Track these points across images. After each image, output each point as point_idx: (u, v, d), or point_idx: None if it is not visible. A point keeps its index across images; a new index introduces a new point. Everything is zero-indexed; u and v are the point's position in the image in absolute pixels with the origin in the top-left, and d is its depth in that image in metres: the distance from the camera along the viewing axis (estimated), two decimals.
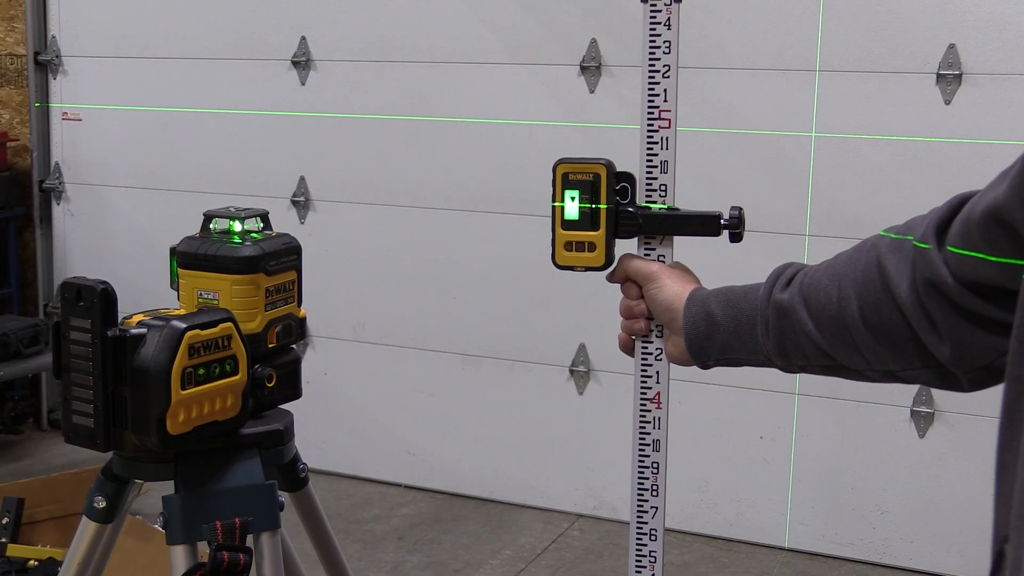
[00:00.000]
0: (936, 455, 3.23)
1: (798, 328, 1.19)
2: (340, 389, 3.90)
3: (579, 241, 1.35)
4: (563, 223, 1.35)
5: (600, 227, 1.34)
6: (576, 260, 1.35)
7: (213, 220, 1.59)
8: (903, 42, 3.13)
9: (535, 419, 3.67)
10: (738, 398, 3.38)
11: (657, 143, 1.34)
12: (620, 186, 1.35)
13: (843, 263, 1.17)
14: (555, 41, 3.49)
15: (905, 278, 1.07)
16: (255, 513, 1.47)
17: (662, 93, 1.33)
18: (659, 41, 1.32)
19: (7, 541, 3.04)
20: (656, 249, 1.36)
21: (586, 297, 3.50)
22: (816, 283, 1.18)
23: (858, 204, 3.21)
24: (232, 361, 1.45)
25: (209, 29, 3.93)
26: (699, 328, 1.28)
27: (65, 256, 4.31)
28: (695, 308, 1.28)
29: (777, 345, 1.22)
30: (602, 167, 1.34)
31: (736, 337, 1.25)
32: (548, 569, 3.29)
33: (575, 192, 1.34)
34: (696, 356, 1.30)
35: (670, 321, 1.32)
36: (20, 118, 4.36)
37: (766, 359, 1.25)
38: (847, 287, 1.14)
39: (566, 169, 1.35)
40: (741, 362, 1.28)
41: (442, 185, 3.68)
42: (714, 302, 1.27)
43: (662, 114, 1.34)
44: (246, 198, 3.77)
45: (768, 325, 1.22)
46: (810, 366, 1.22)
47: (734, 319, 1.25)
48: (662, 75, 1.33)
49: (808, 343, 1.18)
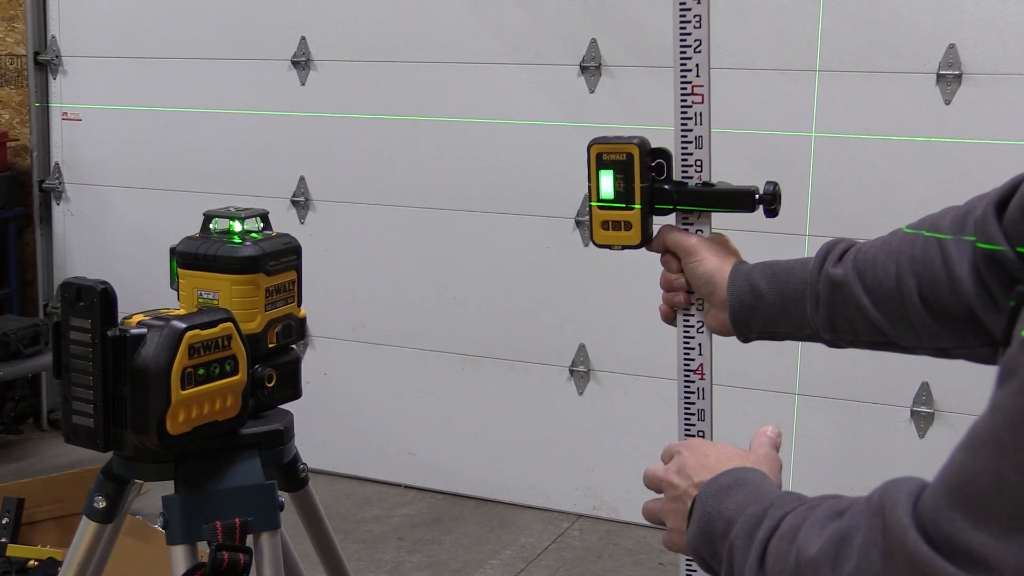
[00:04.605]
0: (936, 455, 3.23)
1: (851, 303, 1.19)
2: (340, 389, 3.89)
3: (615, 220, 1.35)
4: (599, 203, 1.36)
5: (635, 206, 1.34)
6: (613, 239, 1.36)
7: (213, 220, 1.59)
8: (903, 42, 3.13)
9: (535, 419, 3.67)
10: (738, 398, 3.38)
11: (691, 118, 1.34)
12: (656, 162, 1.35)
13: (900, 240, 1.17)
14: (555, 41, 3.49)
15: (966, 257, 1.08)
16: (255, 513, 1.47)
17: (694, 68, 1.33)
18: (689, 15, 1.32)
19: (7, 541, 3.04)
20: (694, 224, 1.36)
21: (586, 297, 3.50)
22: (872, 259, 1.19)
23: (858, 204, 3.21)
24: (232, 361, 1.45)
25: (209, 29, 3.93)
26: (744, 301, 1.28)
27: (65, 256, 4.30)
28: (739, 281, 1.29)
29: (827, 320, 1.22)
30: (635, 147, 1.34)
31: (782, 311, 1.26)
32: (548, 569, 3.29)
33: (609, 172, 1.35)
34: (739, 329, 1.30)
35: (710, 295, 1.32)
36: (20, 118, 4.36)
37: (813, 333, 1.25)
38: (905, 264, 1.15)
39: (600, 149, 1.35)
40: (785, 336, 1.28)
41: (442, 185, 3.68)
42: (759, 276, 1.28)
43: (695, 89, 1.33)
44: (246, 198, 3.75)
45: (818, 299, 1.22)
46: (859, 341, 1.22)
47: (780, 293, 1.26)
48: (693, 50, 1.33)
49: (861, 319, 1.19)
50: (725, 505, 1.02)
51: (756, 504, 0.99)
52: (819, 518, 0.89)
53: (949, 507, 0.76)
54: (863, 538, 0.82)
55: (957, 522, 0.75)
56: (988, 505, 0.74)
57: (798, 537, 0.89)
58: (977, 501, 0.74)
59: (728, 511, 1.02)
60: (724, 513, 1.02)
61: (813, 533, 0.88)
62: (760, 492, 1.02)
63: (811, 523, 0.89)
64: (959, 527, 0.75)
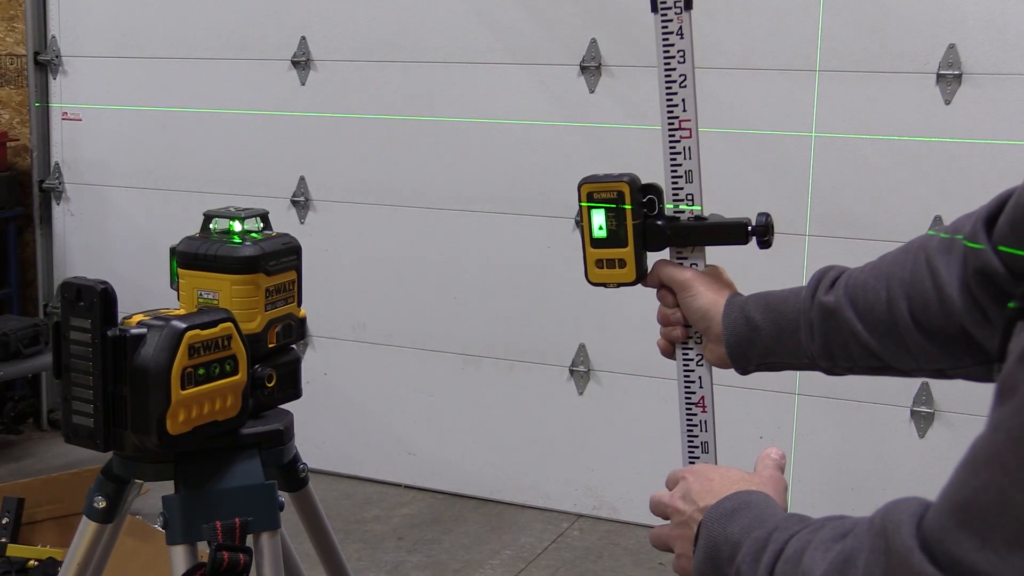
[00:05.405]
0: (936, 455, 3.23)
1: (845, 329, 1.19)
2: (340, 389, 3.89)
3: (609, 259, 1.35)
4: (592, 241, 1.36)
5: (628, 244, 1.34)
6: (608, 277, 1.36)
7: (213, 220, 1.59)
8: (903, 42, 3.13)
9: (535, 419, 3.67)
10: (738, 398, 3.37)
11: (680, 153, 1.34)
12: (647, 198, 1.35)
13: (889, 263, 1.17)
14: (555, 41, 3.49)
15: (956, 276, 1.08)
16: (255, 513, 1.47)
17: (680, 103, 1.33)
18: (673, 51, 1.31)
19: (7, 541, 3.04)
20: (688, 258, 1.36)
21: (586, 297, 3.49)
22: (863, 284, 1.18)
23: (858, 204, 3.21)
24: (232, 361, 1.45)
25: (209, 29, 3.93)
26: (740, 334, 1.28)
27: (65, 256, 4.30)
28: (734, 314, 1.29)
29: (823, 347, 1.22)
30: (625, 184, 1.34)
31: (778, 341, 1.26)
32: (548, 569, 3.29)
33: (601, 210, 1.34)
34: (737, 362, 1.30)
35: (706, 329, 1.33)
36: (20, 118, 4.36)
37: (810, 362, 1.25)
38: (895, 287, 1.14)
39: (590, 188, 1.35)
40: (783, 366, 1.28)
41: (442, 185, 3.68)
42: (753, 307, 1.28)
43: (682, 124, 1.33)
44: (246, 198, 3.76)
45: (813, 328, 1.22)
46: (856, 367, 1.22)
47: (775, 323, 1.26)
48: (679, 85, 1.32)
49: (856, 344, 1.19)
50: (730, 529, 1.02)
51: (761, 527, 0.99)
52: (823, 540, 0.89)
53: (953, 527, 0.76)
54: (866, 559, 0.82)
55: (963, 543, 0.75)
56: (993, 525, 0.73)
57: (803, 560, 0.89)
58: (981, 521, 0.74)
59: (733, 535, 1.01)
60: (730, 537, 1.01)
61: (817, 556, 0.88)
62: (765, 515, 1.02)
63: (815, 546, 0.89)
64: (964, 548, 0.75)
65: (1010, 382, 0.75)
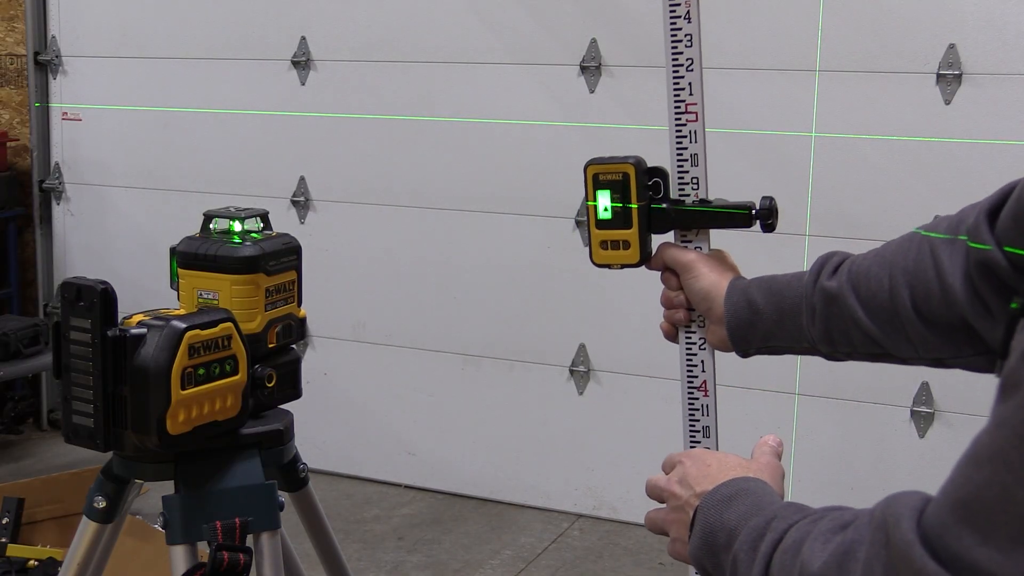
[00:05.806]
0: (936, 455, 3.23)
1: (846, 315, 1.20)
2: (340, 389, 3.89)
3: (614, 240, 1.36)
4: (597, 223, 1.37)
5: (632, 225, 1.35)
6: (612, 258, 1.37)
7: (213, 220, 1.59)
8: (903, 42, 3.13)
9: (535, 419, 3.67)
10: (738, 398, 3.38)
11: (686, 136, 1.35)
12: (653, 181, 1.36)
13: (893, 252, 1.17)
14: (555, 41, 3.49)
15: (958, 266, 1.08)
16: (255, 513, 1.47)
17: (687, 87, 1.34)
18: (680, 35, 1.33)
19: (7, 541, 3.04)
20: (692, 241, 1.37)
21: (586, 297, 3.49)
22: (866, 271, 1.19)
23: (858, 204, 3.21)
24: (232, 361, 1.45)
25: (209, 29, 3.93)
26: (741, 317, 1.29)
27: (65, 256, 4.30)
28: (736, 297, 1.29)
29: (823, 332, 1.23)
30: (630, 166, 1.34)
31: (779, 325, 1.26)
32: (548, 569, 3.29)
33: (606, 192, 1.35)
34: (738, 344, 1.31)
35: (708, 311, 1.33)
36: (20, 118, 4.36)
37: (810, 347, 1.26)
38: (898, 275, 1.15)
39: (596, 170, 1.36)
40: (783, 350, 1.29)
41: (442, 185, 3.68)
42: (755, 291, 1.28)
43: (689, 107, 1.34)
44: (246, 198, 3.76)
45: (814, 312, 1.23)
46: (856, 353, 1.22)
47: (777, 307, 1.26)
48: (686, 68, 1.33)
49: (856, 330, 1.19)
50: (727, 516, 1.01)
51: (759, 515, 0.98)
52: (823, 531, 0.89)
53: (955, 523, 0.75)
54: (867, 552, 0.82)
55: (964, 539, 0.74)
56: (995, 521, 0.73)
57: (802, 551, 0.89)
58: (983, 517, 0.74)
59: (730, 522, 1.00)
60: (726, 524, 1.01)
61: (817, 547, 0.87)
62: (762, 503, 1.01)
63: (815, 537, 0.89)
64: (966, 544, 0.74)
65: (1013, 378, 0.75)
